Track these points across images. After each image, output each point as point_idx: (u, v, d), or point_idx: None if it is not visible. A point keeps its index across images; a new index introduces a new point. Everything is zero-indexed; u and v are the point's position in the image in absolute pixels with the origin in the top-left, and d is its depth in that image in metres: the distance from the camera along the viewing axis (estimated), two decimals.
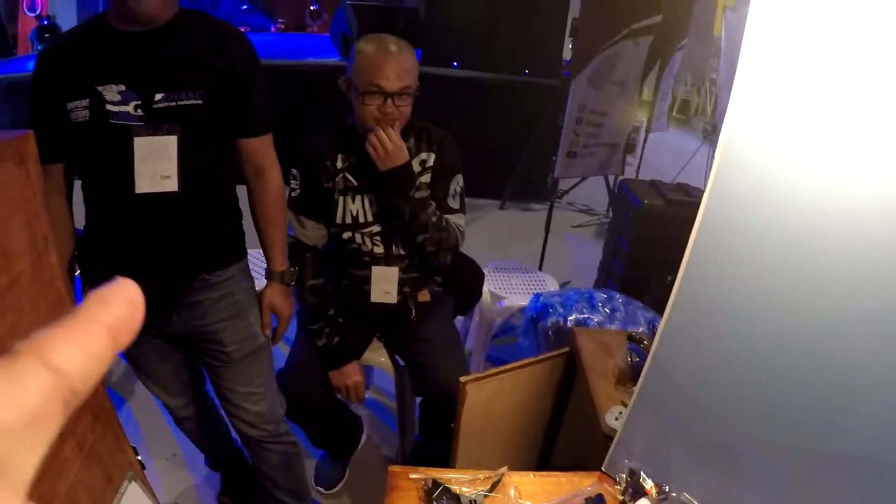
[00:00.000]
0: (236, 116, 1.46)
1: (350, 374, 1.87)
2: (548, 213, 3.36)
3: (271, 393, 1.71)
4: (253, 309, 1.63)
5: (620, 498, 1.22)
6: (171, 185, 1.39)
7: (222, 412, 1.78)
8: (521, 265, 2.92)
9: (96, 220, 1.47)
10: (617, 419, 1.41)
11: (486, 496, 1.22)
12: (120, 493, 1.17)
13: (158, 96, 1.34)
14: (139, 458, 1.35)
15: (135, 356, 1.66)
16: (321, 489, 2.19)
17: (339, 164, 1.81)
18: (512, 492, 1.23)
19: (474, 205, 4.35)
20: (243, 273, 1.61)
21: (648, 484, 1.20)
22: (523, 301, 2.50)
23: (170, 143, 1.36)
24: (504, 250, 3.24)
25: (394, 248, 1.86)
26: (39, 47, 6.76)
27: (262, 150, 1.55)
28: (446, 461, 2.10)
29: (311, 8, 6.84)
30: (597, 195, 5.09)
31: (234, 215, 1.58)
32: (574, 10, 4.85)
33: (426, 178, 1.82)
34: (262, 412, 1.68)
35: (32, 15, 6.92)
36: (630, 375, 1.57)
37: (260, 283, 1.69)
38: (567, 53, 5.41)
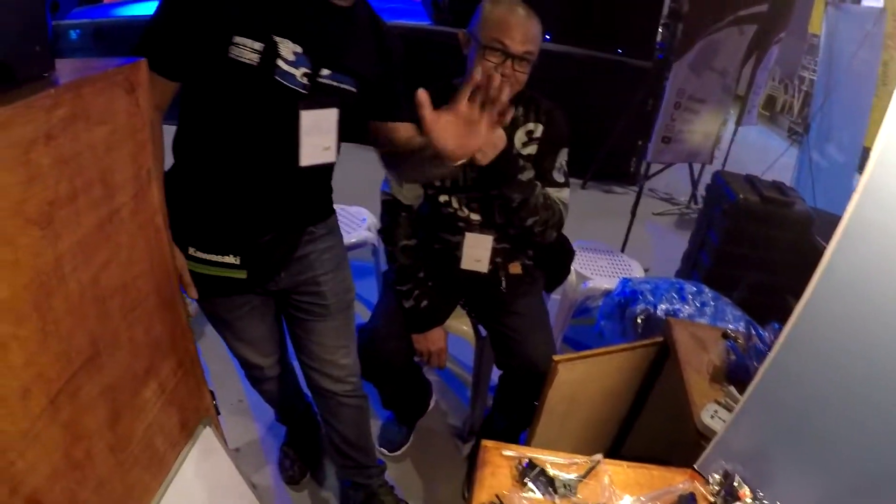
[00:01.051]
0: (387, 103, 1.47)
1: (435, 340, 1.88)
2: (636, 198, 3.30)
3: (355, 346, 1.74)
4: (347, 262, 1.67)
5: (712, 499, 1.20)
6: (330, 157, 1.41)
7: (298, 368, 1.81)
8: (607, 246, 2.87)
9: (213, 167, 1.38)
10: (713, 417, 1.38)
11: (580, 481, 1.22)
12: (194, 438, 1.19)
13: (325, 72, 1.32)
14: (215, 402, 1.38)
15: (231, 320, 1.63)
16: (384, 450, 2.23)
17: None
18: (606, 479, 1.23)
19: None
20: (337, 225, 1.65)
21: (743, 488, 1.18)
22: (608, 284, 2.47)
23: (332, 115, 1.36)
24: (585, 230, 3.19)
25: (491, 216, 1.84)
26: None
27: (413, 134, 1.48)
28: (516, 437, 2.12)
29: None
30: (679, 184, 4.96)
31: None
32: None
33: (532, 148, 1.79)
34: (349, 365, 1.71)
35: None
36: (726, 374, 1.53)
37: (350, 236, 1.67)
38: (660, 36, 5.26)
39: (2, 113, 0.66)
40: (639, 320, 2.10)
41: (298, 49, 1.26)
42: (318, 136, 1.35)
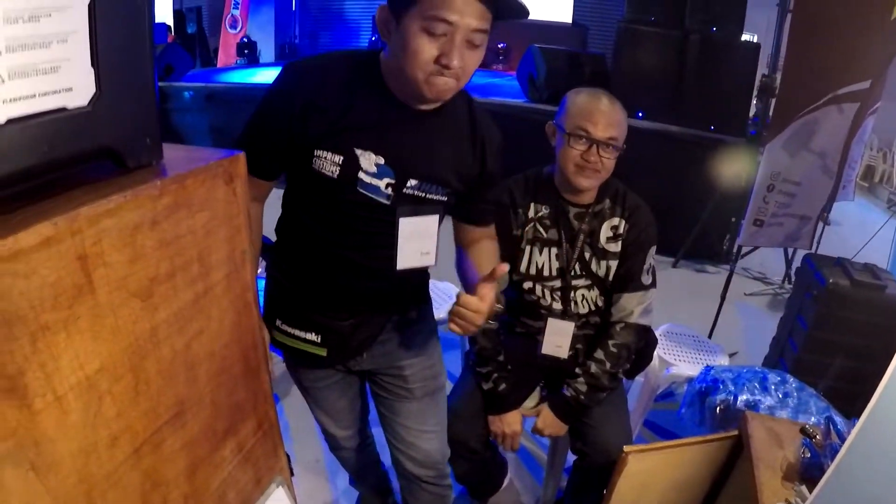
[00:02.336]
0: (469, 207, 1.49)
1: (510, 423, 1.89)
2: (727, 280, 3.23)
3: (443, 433, 1.72)
4: (437, 348, 1.67)
5: None
6: (429, 261, 1.41)
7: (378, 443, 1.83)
8: (692, 332, 2.81)
9: (305, 256, 1.43)
10: None
11: None
12: (266, 495, 1.23)
13: (412, 182, 1.32)
14: (290, 465, 1.42)
15: (312, 389, 1.67)
16: None
17: (531, 214, 1.84)
18: None
19: None
20: (430, 311, 1.66)
21: None
22: (691, 371, 2.41)
23: (432, 223, 1.37)
24: (674, 310, 3.13)
25: (572, 305, 1.87)
26: (241, 61, 7.60)
27: (489, 233, 1.59)
28: None
29: (499, 46, 7.05)
30: (773, 263, 4.78)
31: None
32: (762, 66, 4.65)
33: (616, 246, 1.82)
34: (432, 451, 1.68)
35: (233, 32, 7.74)
36: (799, 473, 1.47)
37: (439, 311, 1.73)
38: (752, 110, 5.18)
39: (114, 200, 0.77)
40: (718, 410, 2.03)
41: (380, 160, 1.27)
42: (417, 242, 1.36)
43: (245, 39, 7.70)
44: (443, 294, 2.80)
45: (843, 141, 2.88)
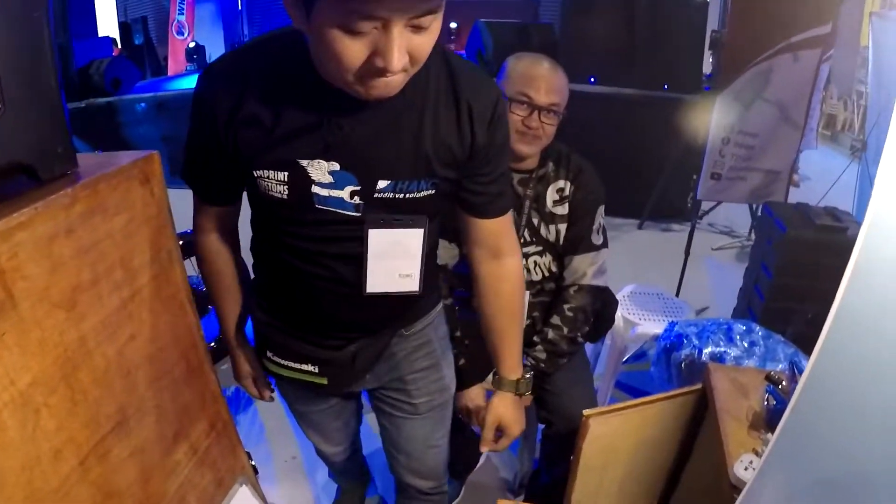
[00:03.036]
0: (473, 194, 1.18)
1: (473, 398, 1.87)
2: (689, 236, 3.24)
3: (447, 445, 1.61)
4: (447, 359, 1.49)
5: None
6: (412, 286, 1.17)
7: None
8: (658, 289, 2.82)
9: (278, 284, 1.23)
10: (746, 469, 1.32)
11: None
12: (229, 496, 1.23)
13: (383, 184, 1.04)
14: (253, 463, 1.42)
15: (304, 413, 1.56)
16: None
17: None
18: None
19: (612, 224, 4.27)
20: (440, 317, 1.45)
21: None
22: (657, 328, 2.42)
23: (414, 237, 1.11)
24: (642, 272, 3.16)
25: (526, 273, 1.86)
26: (192, 66, 7.50)
27: (502, 231, 1.26)
28: (561, 492, 2.09)
29: (451, 26, 7.00)
30: (738, 216, 4.84)
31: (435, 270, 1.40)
32: (713, 22, 4.66)
33: (562, 208, 1.80)
34: (438, 465, 1.59)
35: (181, 38, 7.63)
36: (766, 421, 1.48)
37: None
38: (707, 67, 5.20)
39: (25, 213, 0.76)
40: (683, 366, 2.05)
41: (335, 166, 1.01)
42: (393, 260, 1.12)
43: (193, 44, 7.57)
44: None
45: (806, 90, 2.86)
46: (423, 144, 1.03)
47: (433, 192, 1.08)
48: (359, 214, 1.06)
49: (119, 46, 7.12)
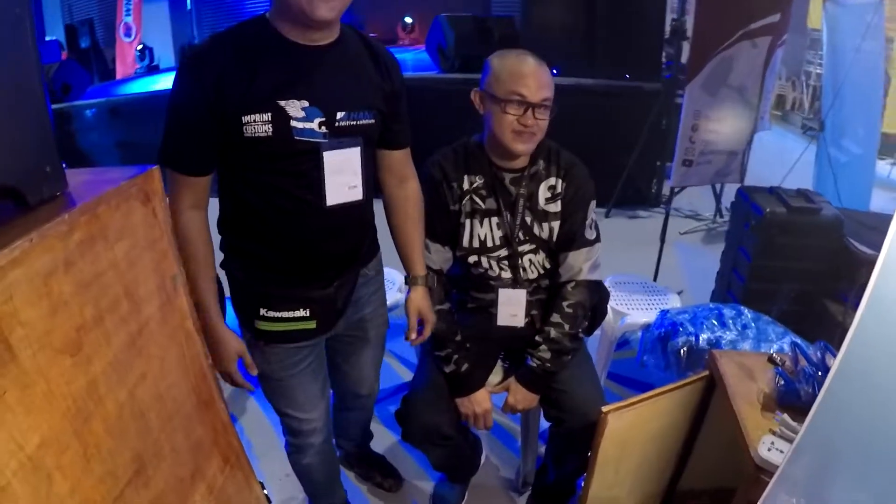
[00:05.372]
0: (387, 131, 1.54)
1: (480, 402, 1.84)
2: (664, 222, 3.26)
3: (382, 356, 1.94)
4: (384, 296, 1.82)
5: None
6: (358, 194, 1.46)
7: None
8: (639, 278, 2.83)
9: (262, 233, 1.45)
10: (770, 450, 1.33)
11: None
12: None
13: (340, 114, 1.37)
14: (265, 492, 1.39)
15: (285, 379, 1.63)
16: None
17: (466, 186, 1.78)
18: None
19: None
20: (381, 263, 1.75)
21: None
22: (646, 317, 2.42)
23: (354, 155, 1.42)
24: (615, 260, 3.14)
25: (521, 272, 1.83)
26: (141, 69, 7.25)
27: (405, 160, 1.65)
28: (572, 486, 2.07)
29: (407, 21, 6.93)
30: (701, 199, 4.91)
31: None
32: (671, 11, 4.71)
33: (555, 206, 1.78)
34: (375, 376, 1.93)
35: (128, 40, 7.38)
36: (777, 401, 1.48)
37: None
38: (665, 55, 5.27)
39: (18, 247, 0.66)
40: (681, 353, 2.05)
41: (305, 103, 1.31)
42: (342, 176, 1.41)
43: (141, 46, 7.31)
44: (387, 281, 2.70)
45: (760, 74, 2.96)
46: (364, 83, 1.42)
47: (373, 121, 1.45)
48: (326, 141, 1.35)
49: (66, 50, 6.79)
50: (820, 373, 1.44)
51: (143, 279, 0.87)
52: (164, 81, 6.13)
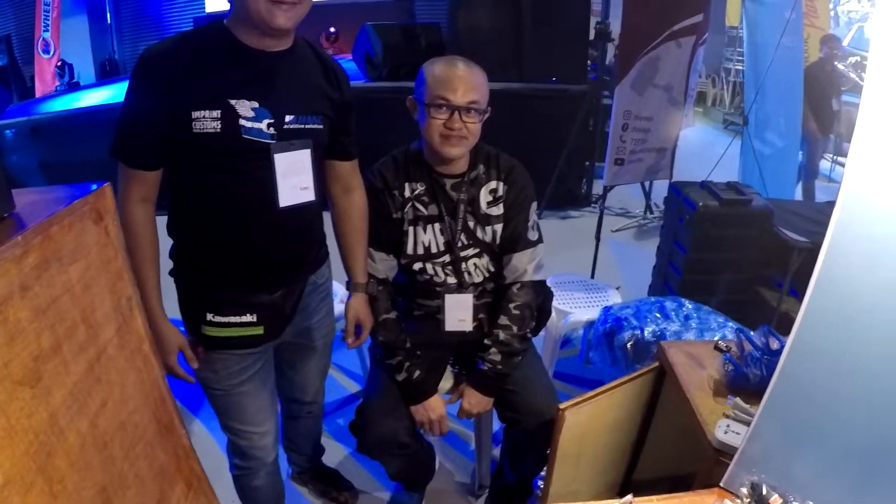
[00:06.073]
0: (336, 143, 1.59)
1: (434, 408, 1.83)
2: (598, 220, 3.34)
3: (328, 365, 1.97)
4: (332, 304, 1.85)
5: None
6: (309, 195, 1.48)
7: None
8: (579, 277, 2.89)
9: (211, 236, 1.46)
10: (726, 433, 1.37)
11: None
12: None
13: (289, 118, 1.40)
14: None
15: (232, 389, 1.62)
16: None
17: (407, 193, 1.77)
18: None
19: None
20: (330, 272, 1.78)
21: (773, 496, 1.17)
22: (589, 314, 2.47)
23: (305, 156, 1.44)
24: (552, 260, 3.20)
25: (466, 276, 1.84)
26: (61, 86, 6.91)
27: (352, 171, 1.69)
28: (529, 486, 2.08)
29: (331, 31, 6.86)
30: (629, 197, 5.06)
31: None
32: (595, 15, 4.84)
33: (497, 209, 1.80)
34: (320, 384, 1.97)
35: (47, 57, 7.04)
36: (727, 386, 1.54)
37: None
38: (590, 57, 5.40)
39: None
40: (628, 347, 2.10)
41: (255, 104, 1.34)
42: (294, 177, 1.43)
43: (61, 63, 6.95)
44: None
45: (685, 73, 3.07)
46: (313, 90, 1.47)
47: (322, 126, 1.48)
48: (273, 142, 1.38)
49: None
50: (766, 356, 1.50)
51: (99, 302, 0.83)
52: (87, 98, 5.83)
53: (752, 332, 1.68)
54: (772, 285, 2.77)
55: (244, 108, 1.34)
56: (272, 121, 1.37)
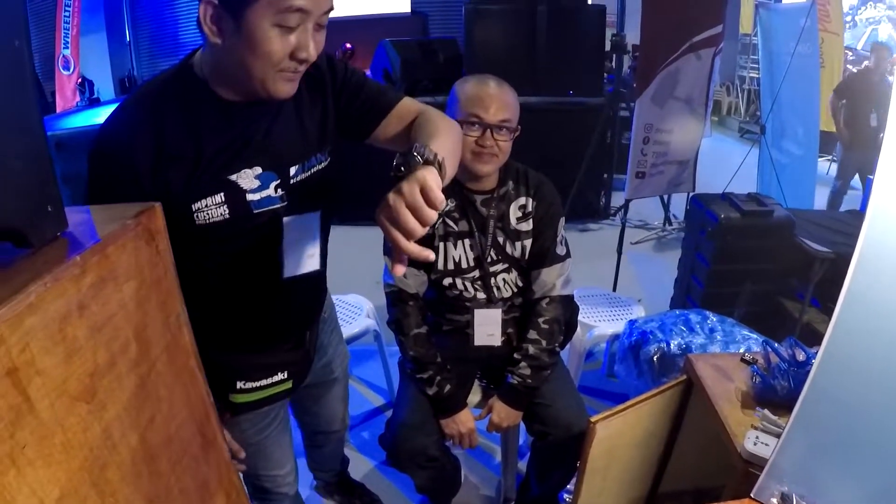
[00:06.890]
0: (367, 109, 1.30)
1: (464, 422, 1.85)
2: (620, 233, 3.35)
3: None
4: (341, 331, 1.83)
5: None
6: (315, 264, 1.36)
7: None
8: (601, 290, 2.90)
9: (216, 307, 1.28)
10: (755, 444, 1.37)
11: None
12: None
13: (293, 170, 1.22)
14: None
15: (260, 442, 1.56)
16: None
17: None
18: None
19: None
20: (330, 298, 1.70)
21: None
22: (614, 328, 2.48)
23: (314, 219, 1.30)
24: (574, 273, 3.23)
25: (495, 291, 1.85)
26: (81, 102, 7.05)
27: (410, 105, 1.33)
28: (555, 499, 2.09)
29: (347, 47, 6.94)
30: (647, 209, 5.06)
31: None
32: (611, 27, 4.86)
33: (526, 224, 1.82)
34: (344, 410, 1.94)
35: (67, 73, 7.18)
36: (755, 399, 1.54)
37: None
38: (607, 69, 5.42)
39: (34, 291, 0.63)
40: (654, 360, 2.10)
41: (258, 170, 1.16)
42: (301, 243, 1.30)
43: (80, 79, 7.09)
44: (352, 307, 2.69)
45: (705, 84, 3.09)
46: (308, 123, 1.24)
47: (329, 160, 1.29)
48: (284, 204, 1.21)
49: None
50: (793, 368, 1.50)
51: (150, 319, 0.85)
52: (106, 113, 5.97)
53: (777, 344, 1.68)
54: (793, 296, 2.76)
55: (247, 179, 1.15)
56: (279, 181, 1.20)
